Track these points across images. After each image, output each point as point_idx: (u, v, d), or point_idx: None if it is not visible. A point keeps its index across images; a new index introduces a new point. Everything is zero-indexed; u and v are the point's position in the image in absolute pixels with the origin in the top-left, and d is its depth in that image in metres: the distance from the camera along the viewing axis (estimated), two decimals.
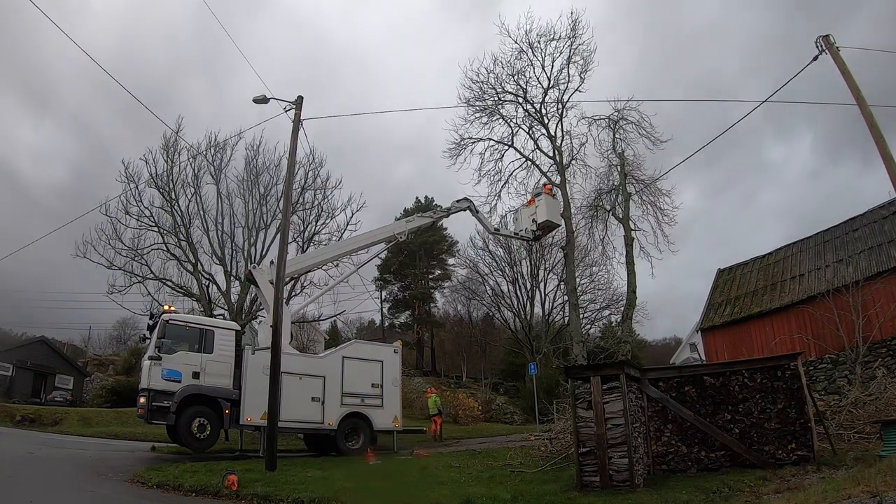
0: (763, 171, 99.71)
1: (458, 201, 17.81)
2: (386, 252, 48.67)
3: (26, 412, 23.84)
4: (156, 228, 24.19)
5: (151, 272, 23.97)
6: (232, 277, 25.06)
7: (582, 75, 23.41)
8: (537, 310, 40.81)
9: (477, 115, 24.40)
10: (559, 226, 19.74)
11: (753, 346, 16.95)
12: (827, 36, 10.60)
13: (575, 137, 24.96)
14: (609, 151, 24.73)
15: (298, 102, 12.61)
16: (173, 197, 24.27)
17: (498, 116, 24.62)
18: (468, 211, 17.74)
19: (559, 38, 23.22)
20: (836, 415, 9.76)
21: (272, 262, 14.00)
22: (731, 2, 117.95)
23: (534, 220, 17.53)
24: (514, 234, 18.97)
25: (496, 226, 20.75)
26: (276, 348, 10.77)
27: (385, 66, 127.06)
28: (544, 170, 24.55)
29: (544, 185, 19.89)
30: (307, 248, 25.03)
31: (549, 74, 23.77)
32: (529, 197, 18.89)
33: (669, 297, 76.57)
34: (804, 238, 19.49)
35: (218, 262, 25.08)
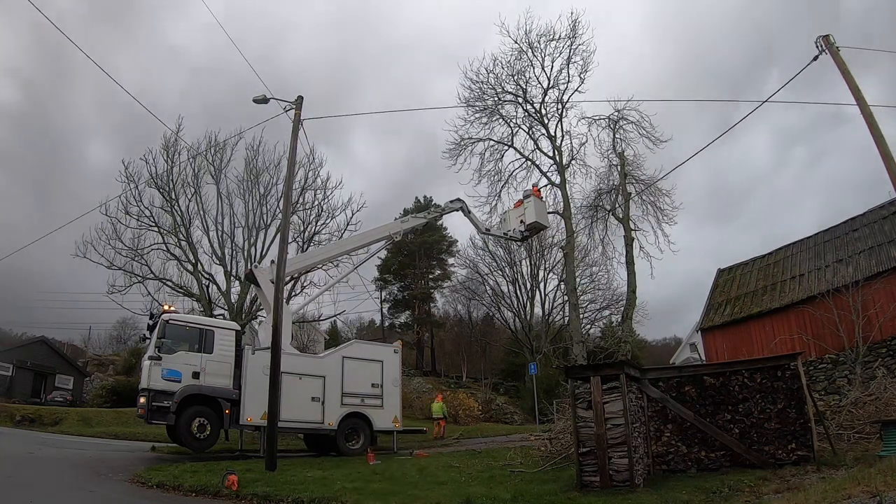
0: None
1: (451, 202, 18.27)
2: (386, 252, 48.81)
3: (26, 412, 23.84)
4: (156, 228, 24.18)
5: (151, 272, 23.96)
6: (232, 277, 25.05)
7: (581, 75, 23.47)
8: (537, 310, 40.87)
9: (477, 115, 24.45)
10: (546, 227, 20.46)
11: (753, 346, 16.95)
12: (827, 36, 10.60)
13: (575, 137, 25.04)
14: (609, 151, 24.78)
15: (298, 102, 12.61)
16: (173, 197, 24.26)
17: (498, 117, 24.66)
18: (461, 211, 18.07)
19: (559, 39, 23.28)
20: (836, 415, 9.76)
21: (272, 262, 14.00)
22: None
23: (522, 222, 17.93)
24: (504, 234, 19.40)
25: (489, 226, 21.02)
26: (276, 348, 10.77)
27: None
28: (544, 170, 24.59)
29: (533, 187, 20.32)
30: (307, 248, 25.01)
31: (548, 74, 23.83)
32: (517, 199, 19.40)
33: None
34: (804, 238, 19.50)
35: (218, 262, 25.08)
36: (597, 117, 24.54)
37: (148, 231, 24.19)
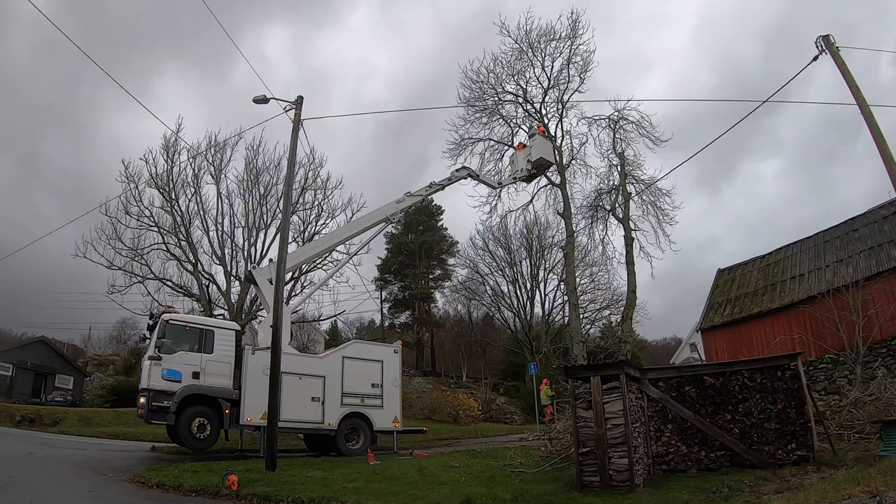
0: None
1: (456, 170, 17.74)
2: (386, 252, 48.88)
3: (26, 412, 23.79)
4: (156, 228, 24.18)
5: (151, 272, 23.96)
6: (232, 277, 25.07)
7: (582, 75, 23.51)
8: (537, 310, 40.89)
9: (477, 115, 24.47)
10: (552, 164, 20.03)
11: (753, 346, 16.93)
12: (827, 36, 10.60)
13: (575, 137, 25.06)
14: (609, 151, 24.82)
15: (298, 102, 12.59)
16: (173, 197, 24.26)
17: (498, 116, 24.70)
18: (469, 178, 17.76)
19: (559, 39, 23.30)
20: (836, 415, 9.76)
21: (271, 260, 13.95)
22: None
23: (529, 161, 17.71)
24: (514, 179, 19.08)
25: (500, 179, 20.68)
26: (276, 348, 10.76)
27: None
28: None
29: (538, 127, 20.10)
30: None
31: (549, 74, 23.85)
32: (521, 143, 19.08)
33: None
34: (804, 238, 19.49)
35: (218, 262, 25.09)
36: (597, 117, 24.60)
37: (148, 231, 24.21)
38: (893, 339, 14.02)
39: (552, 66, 23.71)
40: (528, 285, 40.52)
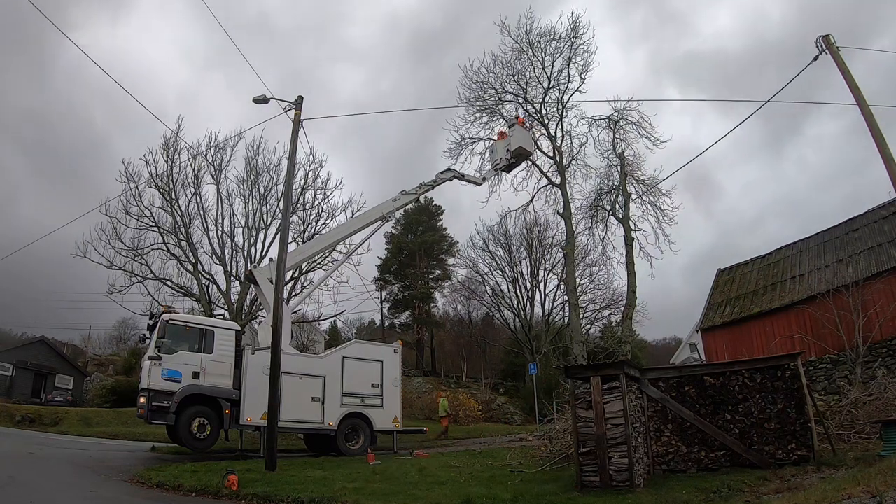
0: None
1: (441, 173, 18.10)
2: (386, 252, 48.87)
3: (26, 412, 23.80)
4: (156, 228, 24.19)
5: (151, 272, 23.96)
6: (232, 277, 25.07)
7: (582, 76, 23.56)
8: (537, 310, 40.85)
9: (477, 115, 24.52)
10: (531, 154, 20.34)
11: (753, 346, 16.93)
12: (827, 36, 10.61)
13: (575, 137, 25.10)
14: (609, 151, 24.86)
15: (298, 102, 12.60)
16: (173, 197, 24.26)
17: (498, 116, 24.73)
18: (455, 179, 18.11)
19: (559, 39, 23.34)
20: (836, 415, 9.76)
21: (271, 260, 13.92)
22: None
23: (508, 150, 18.04)
24: (495, 169, 19.39)
25: (484, 174, 20.88)
26: (276, 348, 10.77)
27: None
28: (544, 170, 24.62)
29: (517, 117, 20.27)
30: None
31: (549, 75, 23.88)
32: (501, 131, 19.33)
33: None
34: (804, 238, 19.49)
35: (218, 262, 25.09)
36: (597, 117, 24.64)
37: (148, 231, 24.22)
38: (893, 339, 14.01)
39: (552, 66, 23.79)
40: (528, 285, 40.53)
